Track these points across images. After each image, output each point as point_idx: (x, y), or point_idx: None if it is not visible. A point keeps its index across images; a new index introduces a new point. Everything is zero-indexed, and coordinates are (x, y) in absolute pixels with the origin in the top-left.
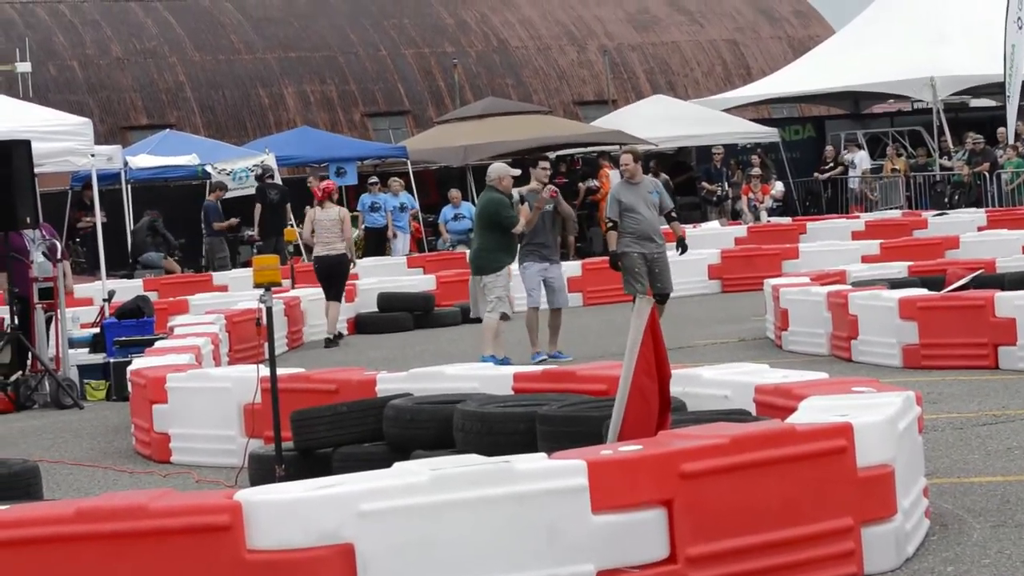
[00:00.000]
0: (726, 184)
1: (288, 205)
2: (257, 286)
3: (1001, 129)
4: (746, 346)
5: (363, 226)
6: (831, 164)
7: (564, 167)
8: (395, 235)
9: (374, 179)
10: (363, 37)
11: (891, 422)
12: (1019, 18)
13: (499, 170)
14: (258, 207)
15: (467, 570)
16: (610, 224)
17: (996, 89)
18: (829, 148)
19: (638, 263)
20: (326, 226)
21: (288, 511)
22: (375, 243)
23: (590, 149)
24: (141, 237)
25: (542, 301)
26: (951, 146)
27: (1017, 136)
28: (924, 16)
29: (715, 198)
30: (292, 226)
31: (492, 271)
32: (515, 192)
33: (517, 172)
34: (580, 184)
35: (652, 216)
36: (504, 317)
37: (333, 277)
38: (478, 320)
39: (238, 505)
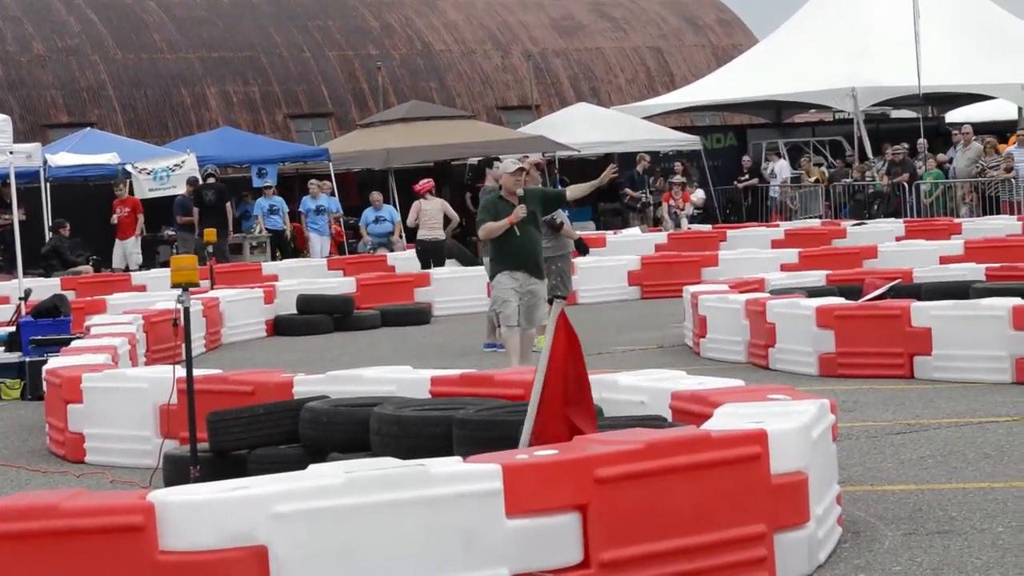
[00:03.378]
0: (648, 191)
1: (228, 204)
2: (175, 286)
3: (921, 140)
4: (664, 353)
5: (264, 228)
6: (747, 175)
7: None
8: (308, 237)
9: (269, 183)
10: (287, 38)
11: (805, 430)
12: (916, 33)
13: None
14: (195, 210)
15: (381, 573)
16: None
17: (916, 101)
18: (746, 158)
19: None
20: (430, 214)
21: (201, 512)
22: (275, 245)
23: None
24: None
25: None
26: (870, 157)
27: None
28: (846, 27)
29: (639, 205)
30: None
31: (491, 279)
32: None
33: (513, 167)
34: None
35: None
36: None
37: (432, 257)
38: (398, 323)
39: (151, 506)
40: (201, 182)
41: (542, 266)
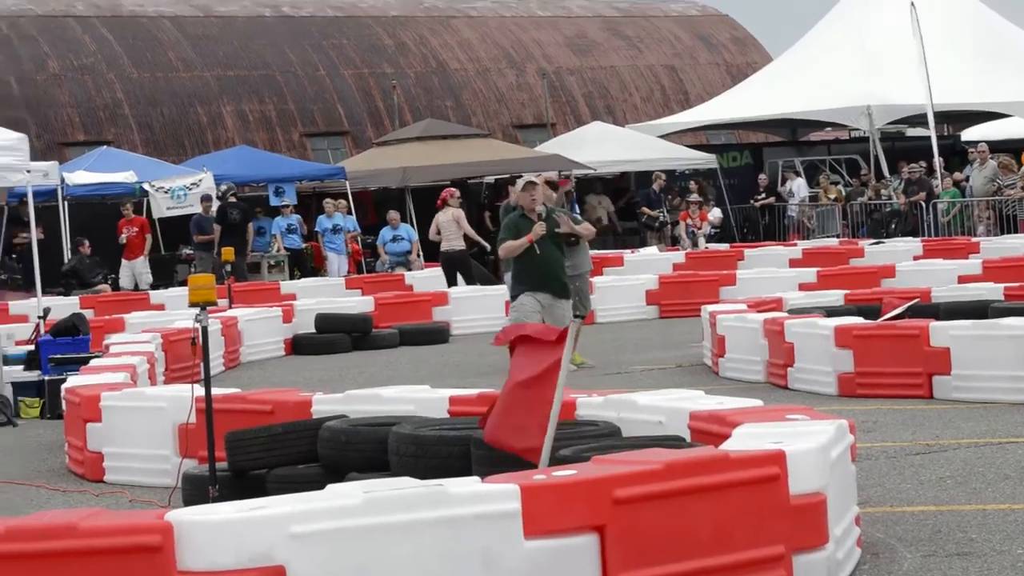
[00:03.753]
0: (665, 210)
1: (250, 224)
2: (192, 305)
3: (937, 158)
4: (683, 372)
5: (282, 247)
6: (763, 193)
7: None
8: (325, 256)
9: (286, 201)
10: (302, 56)
11: (824, 450)
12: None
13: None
14: (217, 228)
15: None
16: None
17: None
18: (763, 177)
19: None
20: (445, 225)
21: (219, 532)
22: (294, 264)
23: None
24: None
25: None
26: (886, 175)
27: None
28: (861, 45)
29: (656, 224)
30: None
31: (512, 299)
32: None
33: (535, 179)
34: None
35: None
36: None
37: (455, 268)
38: (416, 342)
39: (169, 526)
40: (223, 200)
41: (567, 285)
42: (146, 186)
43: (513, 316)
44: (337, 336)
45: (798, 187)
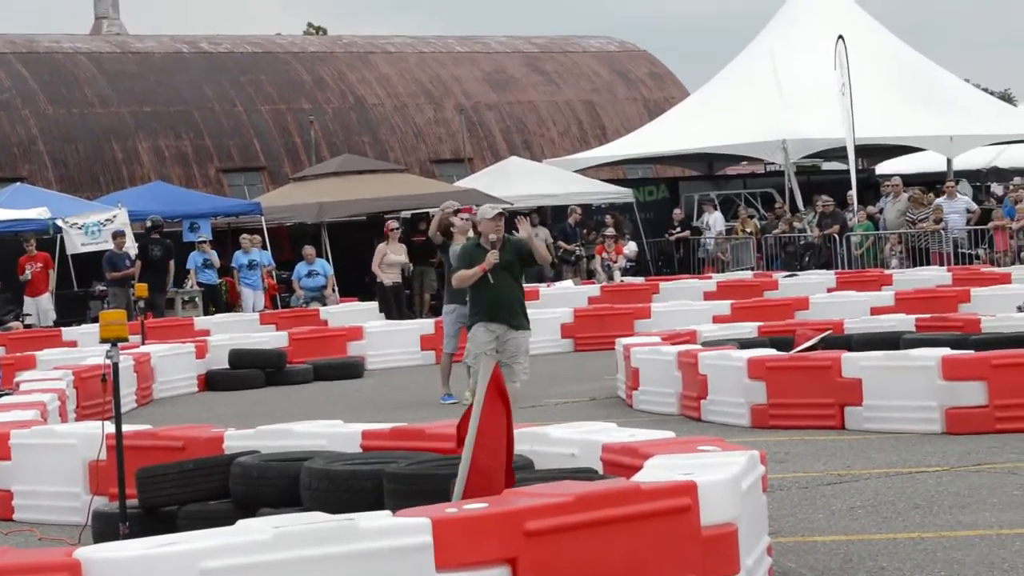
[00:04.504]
0: (581, 244)
1: (171, 261)
2: (103, 341)
3: (850, 192)
4: (597, 405)
5: (196, 282)
6: (679, 227)
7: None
8: (240, 291)
9: (202, 237)
10: (219, 92)
11: (735, 481)
12: (843, 84)
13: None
14: (138, 263)
15: None
16: None
17: (845, 153)
18: (677, 211)
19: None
20: (389, 260)
21: (129, 569)
22: (209, 299)
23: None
24: None
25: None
26: (801, 208)
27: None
28: (777, 80)
29: (572, 257)
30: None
31: (468, 328)
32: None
33: (492, 213)
34: None
35: None
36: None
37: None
38: (331, 377)
39: (77, 563)
40: (146, 234)
41: (522, 315)
42: (60, 222)
43: (468, 348)
44: (251, 372)
45: (714, 220)
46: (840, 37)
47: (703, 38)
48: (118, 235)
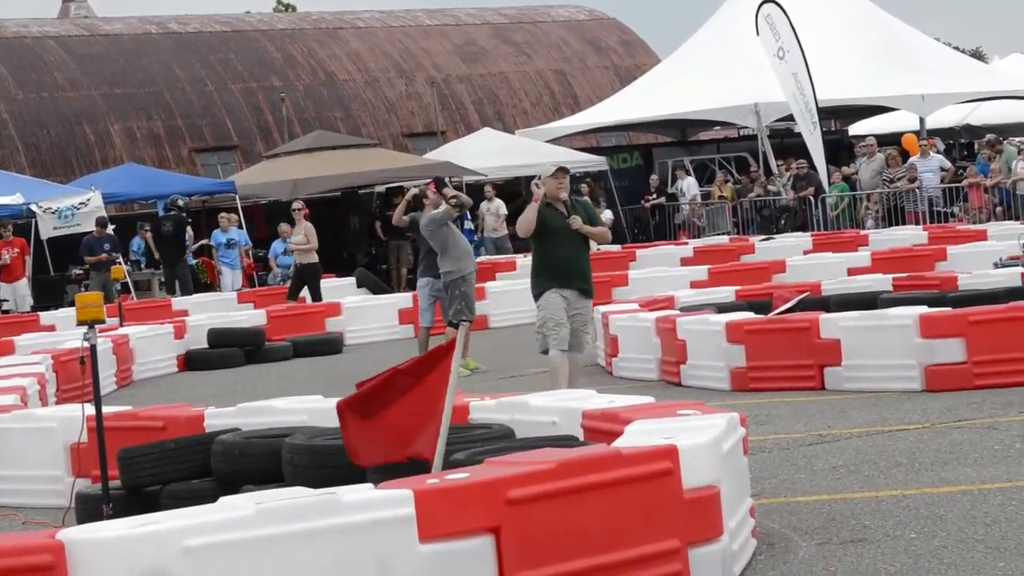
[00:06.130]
0: None
1: (187, 229)
2: (80, 323)
3: (800, 160)
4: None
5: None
6: (654, 194)
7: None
8: (218, 271)
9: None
10: (189, 72)
11: (715, 444)
12: (779, 49)
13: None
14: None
15: None
16: None
17: (819, 115)
18: (654, 177)
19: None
20: (298, 240)
21: (112, 549)
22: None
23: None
24: None
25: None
26: (775, 172)
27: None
28: (747, 44)
29: None
30: (120, 263)
31: (536, 297)
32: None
33: (552, 169)
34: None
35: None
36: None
37: (304, 282)
38: (310, 354)
39: (60, 544)
40: (167, 210)
41: (590, 283)
42: (33, 207)
43: (541, 315)
44: (230, 350)
45: (688, 186)
46: (772, 2)
47: (672, 4)
48: (100, 223)
